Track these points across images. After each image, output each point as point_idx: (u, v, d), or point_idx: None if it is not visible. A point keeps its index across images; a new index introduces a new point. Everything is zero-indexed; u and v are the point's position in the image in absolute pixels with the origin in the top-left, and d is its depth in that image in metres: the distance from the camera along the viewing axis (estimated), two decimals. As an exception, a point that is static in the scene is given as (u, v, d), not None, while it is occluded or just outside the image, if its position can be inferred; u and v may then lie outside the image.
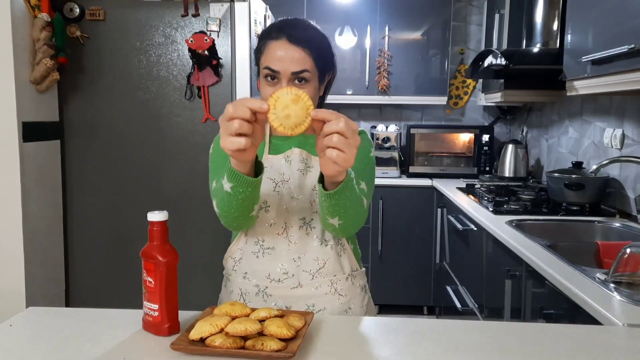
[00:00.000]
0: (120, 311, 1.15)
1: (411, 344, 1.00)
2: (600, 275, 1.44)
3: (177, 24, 2.54)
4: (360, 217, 1.23)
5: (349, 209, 1.16)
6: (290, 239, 1.29)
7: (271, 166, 1.30)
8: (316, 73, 1.24)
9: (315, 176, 1.28)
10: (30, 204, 2.36)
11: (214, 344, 0.93)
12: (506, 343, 1.01)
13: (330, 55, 1.30)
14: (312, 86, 1.23)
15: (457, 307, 2.70)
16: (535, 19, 2.81)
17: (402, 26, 3.77)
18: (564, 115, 3.09)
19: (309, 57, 1.21)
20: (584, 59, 1.97)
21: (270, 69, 1.21)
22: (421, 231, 3.61)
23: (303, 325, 1.02)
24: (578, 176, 2.42)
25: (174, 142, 2.60)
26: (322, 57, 1.25)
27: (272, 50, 1.22)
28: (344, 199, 1.12)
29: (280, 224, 1.29)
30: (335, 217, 1.17)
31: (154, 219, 1.03)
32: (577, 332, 1.06)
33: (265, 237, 1.29)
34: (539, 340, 1.02)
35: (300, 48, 1.20)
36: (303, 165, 1.30)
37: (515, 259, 1.85)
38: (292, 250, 1.28)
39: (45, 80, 2.37)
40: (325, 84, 1.32)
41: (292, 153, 1.31)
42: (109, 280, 2.65)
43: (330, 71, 1.32)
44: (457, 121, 4.15)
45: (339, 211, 1.16)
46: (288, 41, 1.21)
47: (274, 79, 1.22)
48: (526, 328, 1.08)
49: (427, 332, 1.06)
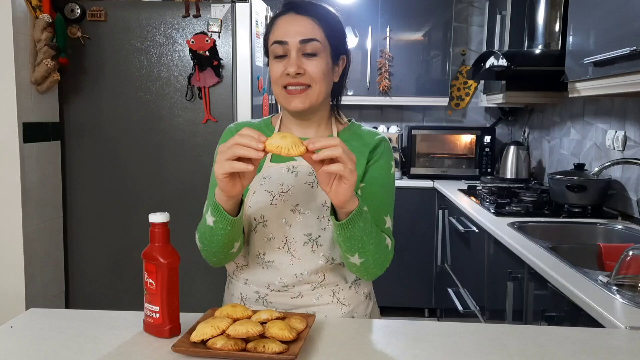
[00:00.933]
0: (121, 313, 1.15)
1: (413, 347, 1.00)
2: (602, 278, 1.44)
3: (178, 25, 2.54)
4: (382, 254, 1.17)
5: (367, 244, 1.12)
6: (293, 253, 1.21)
7: (270, 176, 1.22)
8: (328, 48, 1.18)
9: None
10: (31, 205, 2.37)
11: (215, 346, 0.93)
12: (508, 346, 1.01)
13: (343, 33, 1.23)
14: (323, 60, 1.16)
15: (459, 309, 2.70)
16: (537, 20, 2.82)
17: (404, 27, 3.77)
18: (566, 116, 3.09)
19: (318, 27, 1.16)
20: (586, 60, 1.97)
21: (277, 42, 1.16)
22: (422, 233, 3.61)
23: (305, 328, 1.02)
24: (580, 178, 2.42)
25: (174, 143, 2.60)
26: (334, 32, 1.18)
27: (279, 25, 1.17)
28: (359, 230, 1.08)
29: (281, 238, 1.21)
30: (354, 253, 1.12)
31: (156, 220, 1.03)
32: (579, 334, 1.06)
33: (266, 251, 1.22)
34: (541, 343, 1.02)
35: (308, 17, 1.15)
36: (312, 178, 1.21)
37: (517, 261, 1.85)
38: (295, 265, 1.21)
39: (46, 80, 2.37)
40: (340, 70, 1.24)
41: (300, 165, 1.23)
42: (109, 282, 2.66)
43: (345, 54, 1.24)
44: (458, 122, 4.15)
45: (357, 245, 1.11)
46: (295, 12, 1.16)
47: (282, 57, 1.17)
48: (528, 331, 1.09)
49: (429, 335, 1.06)
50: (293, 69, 1.14)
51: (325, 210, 1.20)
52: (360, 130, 1.30)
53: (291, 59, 1.15)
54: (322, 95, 1.19)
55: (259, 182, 1.22)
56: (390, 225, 1.25)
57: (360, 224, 1.08)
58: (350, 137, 1.27)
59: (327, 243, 1.20)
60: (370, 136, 1.28)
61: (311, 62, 1.16)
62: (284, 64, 1.16)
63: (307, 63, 1.16)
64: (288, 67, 1.15)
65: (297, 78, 1.15)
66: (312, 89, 1.17)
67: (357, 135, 1.28)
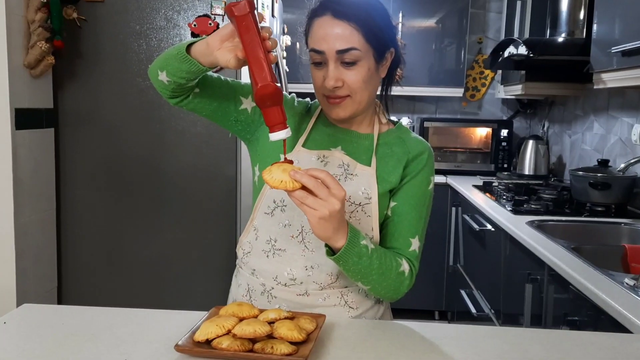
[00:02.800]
0: (120, 310, 1.15)
1: (429, 350, 1.00)
2: (629, 281, 1.43)
3: (179, 7, 2.53)
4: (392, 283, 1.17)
5: (368, 275, 1.13)
6: (307, 245, 1.22)
7: (298, 162, 1.22)
8: (370, 51, 1.16)
9: (356, 186, 1.21)
10: (22, 196, 2.36)
11: (220, 346, 0.93)
12: (530, 351, 1.00)
13: (388, 28, 1.21)
14: (363, 68, 1.16)
15: (472, 312, 2.70)
16: (560, 7, 2.79)
17: (417, 13, 3.75)
18: (589, 109, 3.07)
19: (358, 33, 1.13)
20: (613, 50, 1.95)
21: (314, 51, 1.16)
22: (433, 231, 3.58)
23: (315, 328, 1.02)
24: (604, 175, 2.40)
25: (174, 132, 2.59)
26: (375, 32, 1.16)
27: (316, 29, 1.16)
28: (353, 264, 1.10)
29: (297, 226, 1.22)
30: (357, 282, 1.15)
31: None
32: (606, 340, 1.05)
33: (278, 237, 1.23)
34: (566, 349, 1.01)
35: (346, 22, 1.13)
36: (342, 170, 1.23)
37: (536, 262, 1.85)
38: (307, 257, 1.21)
39: (39, 64, 2.37)
40: (388, 63, 1.23)
41: (332, 155, 1.24)
42: (104, 277, 2.66)
43: (391, 49, 1.22)
44: (473, 115, 4.13)
45: (356, 276, 1.13)
46: (332, 16, 1.14)
47: (320, 64, 1.17)
48: (551, 335, 1.08)
49: (445, 338, 1.05)
50: (331, 83, 1.15)
51: (348, 205, 1.21)
52: (406, 135, 1.30)
53: (329, 71, 1.15)
54: (365, 102, 1.20)
55: None
56: (417, 248, 1.25)
57: (354, 258, 1.09)
58: (393, 141, 1.27)
59: None
60: (414, 144, 1.27)
61: (350, 72, 1.15)
62: (323, 73, 1.17)
63: (346, 73, 1.16)
64: (326, 80, 1.15)
65: (335, 91, 1.16)
66: (352, 98, 1.18)
67: (401, 141, 1.28)
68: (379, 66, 1.21)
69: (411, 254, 1.23)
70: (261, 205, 1.25)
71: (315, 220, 1.02)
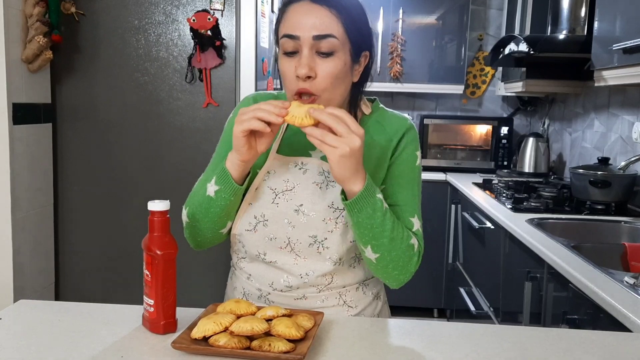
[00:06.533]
0: (116, 306, 1.14)
1: (428, 348, 0.99)
2: (628, 279, 1.43)
3: (178, 2, 2.52)
4: (402, 254, 1.12)
5: (380, 236, 1.08)
6: (298, 253, 1.17)
7: (274, 171, 1.17)
8: (347, 45, 1.08)
9: (336, 193, 1.15)
10: (20, 191, 2.36)
11: (217, 343, 0.93)
12: (529, 349, 1.00)
13: (366, 27, 1.12)
14: (340, 60, 1.07)
15: (471, 310, 2.70)
16: (561, 4, 2.79)
17: (417, 9, 3.74)
18: (589, 107, 3.07)
19: (337, 20, 1.05)
20: (614, 47, 1.95)
21: (287, 36, 1.06)
22: (433, 228, 3.60)
23: (313, 326, 1.01)
24: (604, 173, 2.40)
25: (173, 127, 2.59)
26: (356, 26, 1.08)
27: (292, 14, 1.07)
28: (367, 217, 1.06)
29: (283, 238, 1.17)
30: (367, 245, 1.10)
31: (155, 208, 1.02)
32: (606, 339, 1.05)
33: (267, 251, 1.19)
34: (565, 347, 1.01)
35: (325, 8, 1.05)
36: (322, 178, 1.17)
37: (536, 260, 1.84)
38: (301, 265, 1.18)
39: (37, 59, 2.36)
40: (361, 68, 1.15)
41: (310, 162, 1.18)
42: (101, 273, 2.65)
43: (367, 51, 1.14)
44: (473, 112, 4.13)
45: (368, 235, 1.08)
46: (311, 0, 1.06)
47: (293, 54, 1.08)
48: (551, 333, 1.08)
49: (444, 336, 1.05)
50: (304, 71, 1.05)
51: (333, 212, 1.15)
52: (383, 118, 1.23)
53: (302, 57, 1.06)
54: (335, 102, 1.11)
55: (263, 176, 1.19)
56: (419, 227, 1.21)
57: (369, 209, 1.06)
58: (372, 129, 1.21)
59: (335, 245, 1.16)
60: (393, 126, 1.22)
61: (324, 64, 1.06)
62: (294, 62, 1.07)
63: (320, 64, 1.06)
64: (298, 68, 1.06)
65: (307, 83, 1.07)
66: (320, 98, 1.08)
67: (380, 127, 1.22)
68: (354, 66, 1.12)
69: (416, 234, 1.19)
70: (241, 223, 1.20)
71: (335, 158, 0.99)
